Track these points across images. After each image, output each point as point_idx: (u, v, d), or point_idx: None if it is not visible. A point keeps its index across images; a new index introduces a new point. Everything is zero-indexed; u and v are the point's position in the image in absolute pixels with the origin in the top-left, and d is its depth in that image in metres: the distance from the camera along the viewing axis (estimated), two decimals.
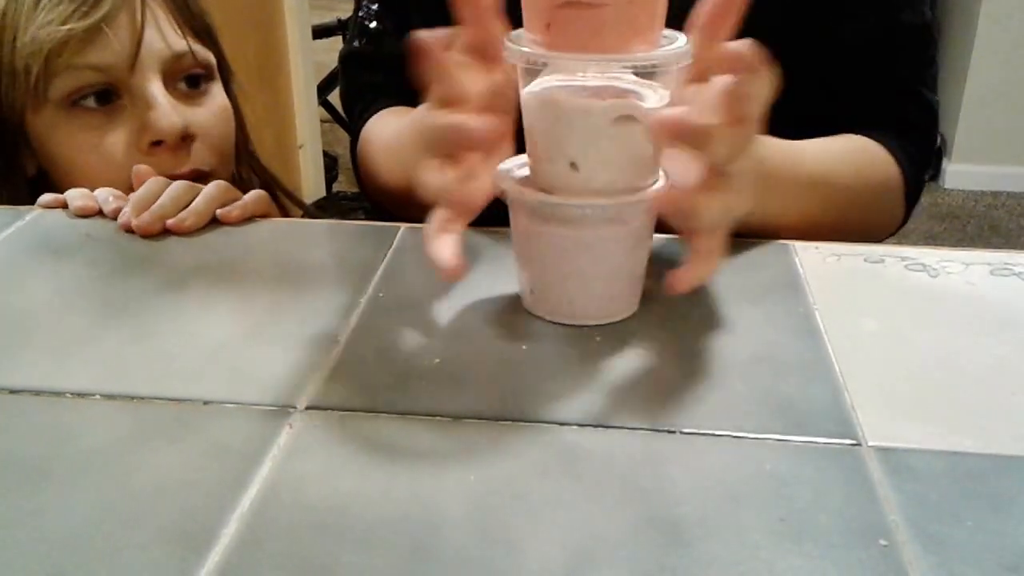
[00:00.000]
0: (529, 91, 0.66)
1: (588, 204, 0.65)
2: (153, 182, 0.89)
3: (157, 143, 0.98)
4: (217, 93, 1.06)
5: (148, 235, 0.83)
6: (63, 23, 0.93)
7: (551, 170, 0.66)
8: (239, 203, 0.88)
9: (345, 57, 1.15)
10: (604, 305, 0.69)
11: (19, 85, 0.96)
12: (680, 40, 0.65)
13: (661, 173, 0.68)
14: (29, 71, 0.95)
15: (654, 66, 0.63)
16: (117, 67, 0.96)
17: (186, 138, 0.99)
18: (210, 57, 1.05)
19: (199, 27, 1.04)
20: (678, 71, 0.64)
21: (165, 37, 0.99)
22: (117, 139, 0.98)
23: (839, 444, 0.56)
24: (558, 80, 0.66)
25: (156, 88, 0.97)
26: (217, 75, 1.07)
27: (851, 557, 0.47)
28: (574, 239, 0.66)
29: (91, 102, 0.97)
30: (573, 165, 0.65)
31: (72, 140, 0.97)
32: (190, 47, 1.00)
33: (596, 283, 0.68)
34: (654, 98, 0.65)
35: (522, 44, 0.64)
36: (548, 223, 0.66)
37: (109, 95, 0.97)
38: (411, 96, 0.89)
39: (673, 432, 0.57)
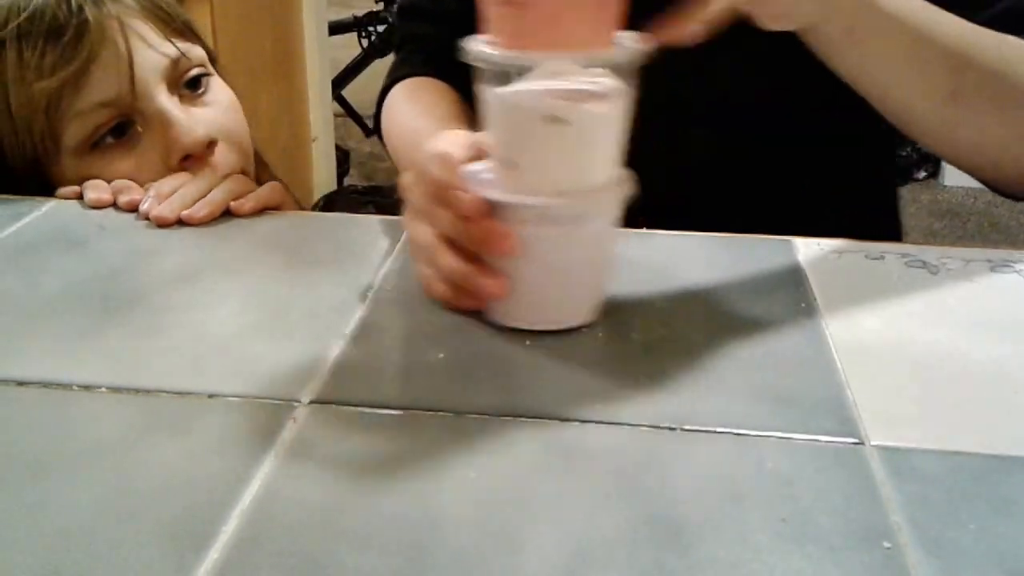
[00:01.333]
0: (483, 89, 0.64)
1: (516, 202, 0.63)
2: (174, 176, 0.89)
3: (186, 158, 0.94)
4: (218, 86, 1.02)
5: (164, 225, 0.83)
6: (52, 73, 0.90)
7: (496, 167, 0.65)
8: (252, 195, 0.87)
9: (401, 7, 1.18)
10: (539, 311, 0.66)
11: (24, 144, 0.92)
12: (633, 41, 0.62)
13: (624, 176, 0.65)
14: (31, 130, 0.92)
15: (604, 65, 0.61)
16: (121, 96, 0.92)
17: (211, 144, 0.96)
18: (201, 53, 1.00)
19: (180, 26, 0.99)
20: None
21: (155, 48, 0.95)
22: (142, 165, 0.94)
23: (841, 443, 0.55)
24: (538, 82, 0.62)
25: (166, 103, 0.94)
26: (211, 67, 1.02)
27: (854, 560, 0.46)
28: None
29: (108, 139, 0.93)
30: (510, 162, 0.63)
31: (100, 178, 0.92)
32: (180, 50, 0.96)
33: (531, 285, 0.65)
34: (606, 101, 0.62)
35: (479, 43, 0.62)
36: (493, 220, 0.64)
37: (123, 126, 0.94)
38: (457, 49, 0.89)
39: (674, 429, 0.56)
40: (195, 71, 0.98)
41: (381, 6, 3.84)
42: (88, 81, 0.91)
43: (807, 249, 0.78)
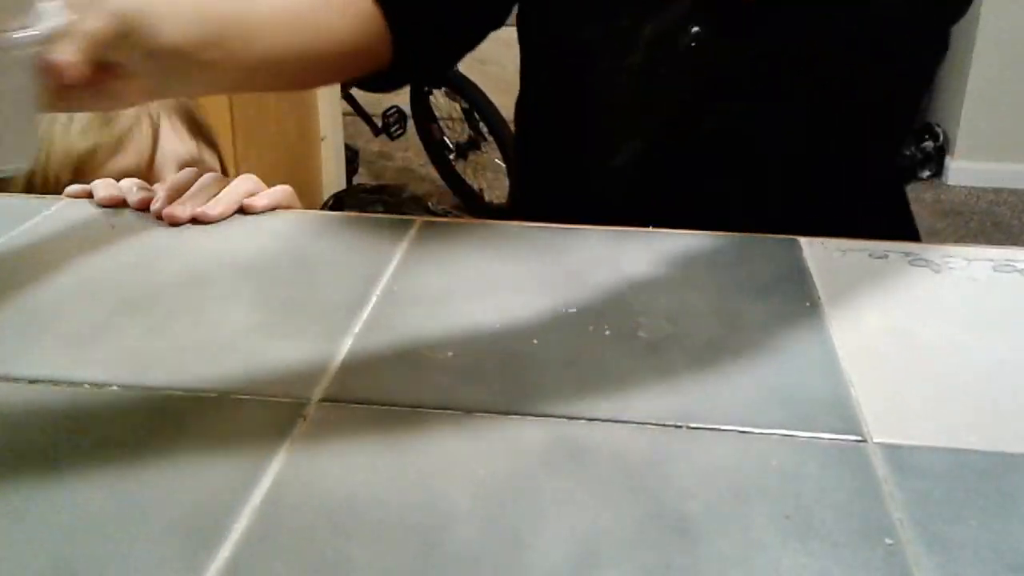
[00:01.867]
0: None
1: None
2: (185, 172, 0.89)
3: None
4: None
5: (175, 223, 0.83)
6: (90, 135, 1.03)
7: None
8: (265, 192, 0.88)
9: None
10: None
11: (49, 192, 1.02)
12: None
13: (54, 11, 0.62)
14: (59, 180, 1.02)
15: None
16: (140, 168, 1.05)
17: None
18: (216, 165, 1.16)
19: (206, 136, 1.15)
20: None
21: (180, 142, 1.10)
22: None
23: (844, 440, 0.55)
24: None
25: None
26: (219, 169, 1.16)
27: (856, 556, 0.46)
28: None
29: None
30: None
31: None
32: (198, 152, 1.12)
33: None
34: None
35: None
36: None
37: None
38: None
39: (680, 427, 0.56)
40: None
41: None
42: (118, 150, 1.05)
43: (811, 248, 0.78)
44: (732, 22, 0.84)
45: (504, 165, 3.54)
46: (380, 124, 3.90)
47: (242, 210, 0.86)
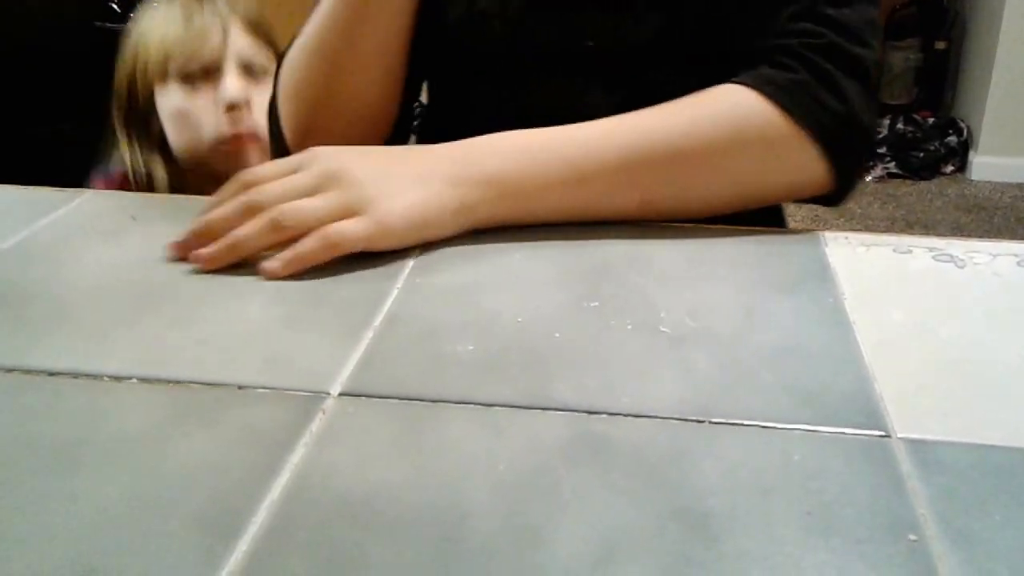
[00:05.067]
0: None
1: None
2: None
3: (231, 107, 1.41)
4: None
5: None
6: (176, 33, 1.42)
7: None
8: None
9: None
10: None
11: (149, 75, 1.43)
12: None
13: None
14: (154, 65, 1.42)
15: None
16: (213, 61, 1.41)
17: (248, 103, 1.42)
18: (268, 63, 1.45)
19: (264, 35, 1.47)
20: None
21: (242, 38, 1.43)
22: (206, 102, 1.42)
23: (868, 435, 0.54)
24: None
25: (231, 71, 1.42)
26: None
27: (879, 552, 0.45)
28: None
29: (195, 78, 1.42)
30: None
31: (183, 102, 1.43)
32: (258, 51, 1.45)
33: None
34: None
35: None
36: None
37: (201, 73, 1.42)
38: None
39: (702, 422, 0.55)
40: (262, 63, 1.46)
41: None
42: (196, 44, 1.41)
43: (835, 243, 0.78)
44: None
45: None
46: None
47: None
